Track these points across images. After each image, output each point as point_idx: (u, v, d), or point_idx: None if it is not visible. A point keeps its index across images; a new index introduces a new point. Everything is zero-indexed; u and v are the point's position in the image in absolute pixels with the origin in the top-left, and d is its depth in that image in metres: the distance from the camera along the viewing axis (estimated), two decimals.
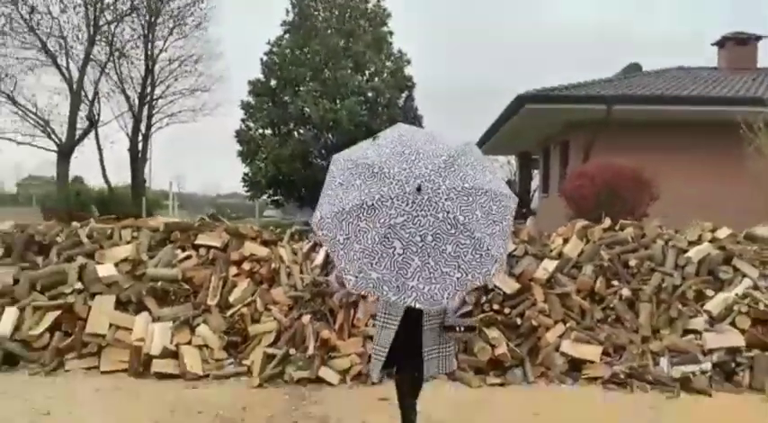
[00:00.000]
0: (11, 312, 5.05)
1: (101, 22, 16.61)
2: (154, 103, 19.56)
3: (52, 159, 17.06)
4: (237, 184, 22.65)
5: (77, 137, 16.55)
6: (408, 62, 21.33)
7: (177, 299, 5.20)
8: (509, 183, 23.10)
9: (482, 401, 4.26)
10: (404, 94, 21.56)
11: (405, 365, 3.17)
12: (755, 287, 5.12)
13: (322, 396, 4.34)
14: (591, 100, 12.38)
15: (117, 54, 17.43)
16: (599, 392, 4.53)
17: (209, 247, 5.62)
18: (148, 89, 19.05)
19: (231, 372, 4.73)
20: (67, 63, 16.44)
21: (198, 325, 5.00)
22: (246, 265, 5.45)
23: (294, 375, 4.57)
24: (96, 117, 17.45)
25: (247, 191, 21.47)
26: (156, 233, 5.80)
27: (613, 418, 4.11)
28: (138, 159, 19.06)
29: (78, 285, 5.19)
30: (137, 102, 18.79)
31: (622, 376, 4.59)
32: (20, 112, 16.27)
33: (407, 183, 2.47)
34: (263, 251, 5.55)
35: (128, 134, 18.68)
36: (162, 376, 4.63)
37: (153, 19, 18.09)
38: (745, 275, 5.22)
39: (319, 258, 5.50)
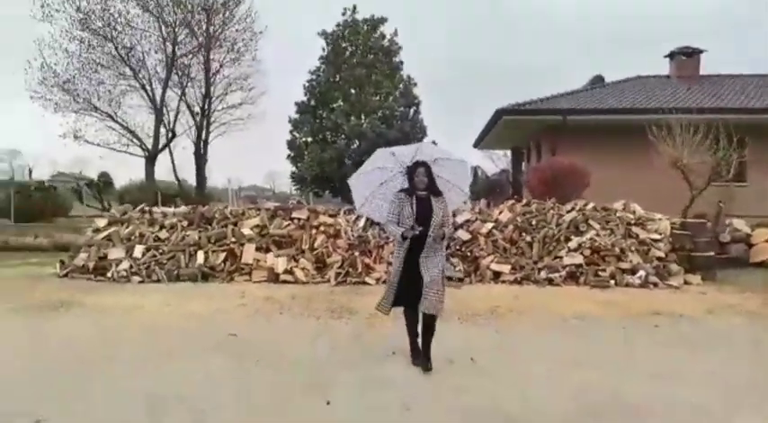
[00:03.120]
0: (200, 253, 9.56)
1: (176, 56, 21.24)
2: (211, 115, 24.20)
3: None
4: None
5: (160, 146, 21.29)
6: (415, 85, 26.19)
7: (287, 245, 9.70)
8: (505, 172, 27.49)
9: (450, 292, 8.60)
10: (412, 110, 26.78)
11: (411, 303, 4.26)
12: (597, 234, 9.42)
13: (367, 288, 8.75)
14: (551, 112, 16.56)
15: (186, 80, 22.08)
16: (507, 287, 8.87)
17: (299, 218, 10.10)
18: (206, 104, 23.70)
19: (319, 281, 9.18)
20: (152, 88, 21.15)
21: (300, 258, 9.48)
22: (321, 228, 9.91)
23: (352, 281, 9.02)
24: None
25: (295, 185, 26.99)
26: (268, 211, 10.30)
27: (513, 295, 8.41)
28: (200, 162, 23.73)
29: (233, 239, 9.72)
30: (199, 115, 23.43)
31: (519, 279, 8.96)
32: (118, 128, 21.08)
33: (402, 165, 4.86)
34: (330, 220, 10.00)
35: (193, 142, 23.35)
36: (285, 282, 9.09)
37: (211, 48, 22.63)
38: (593, 228, 9.53)
39: (361, 223, 9.91)
